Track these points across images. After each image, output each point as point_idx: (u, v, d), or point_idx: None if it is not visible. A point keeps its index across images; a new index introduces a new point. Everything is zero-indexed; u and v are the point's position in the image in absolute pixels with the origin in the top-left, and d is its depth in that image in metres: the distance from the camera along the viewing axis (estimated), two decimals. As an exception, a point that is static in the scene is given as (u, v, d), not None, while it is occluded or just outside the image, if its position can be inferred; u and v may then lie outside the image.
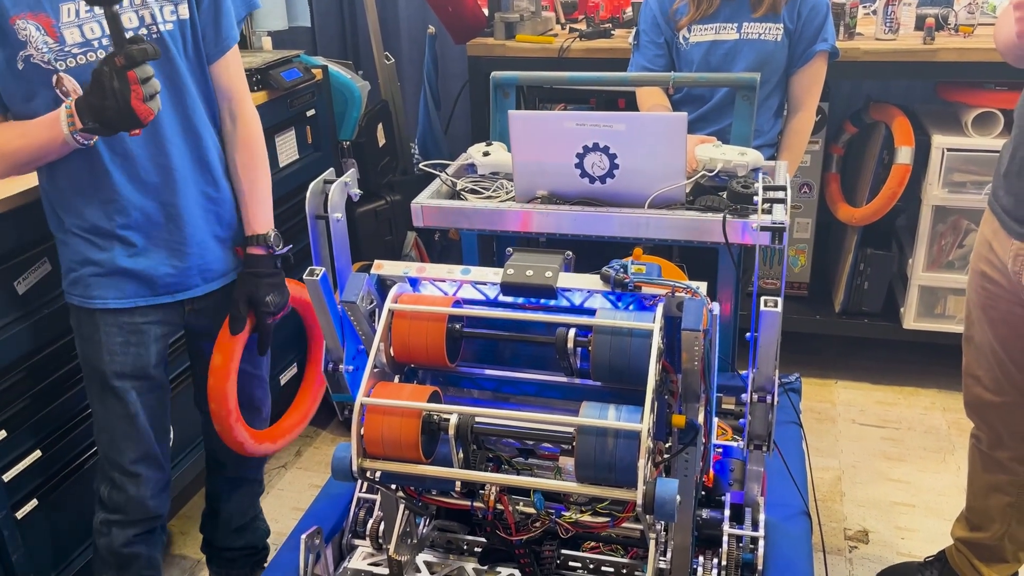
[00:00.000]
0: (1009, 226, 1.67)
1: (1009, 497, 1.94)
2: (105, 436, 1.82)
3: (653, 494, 1.20)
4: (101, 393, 1.79)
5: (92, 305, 1.74)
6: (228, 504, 2.13)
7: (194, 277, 1.81)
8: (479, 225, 1.94)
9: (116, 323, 1.75)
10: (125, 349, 1.76)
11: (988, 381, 1.87)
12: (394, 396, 1.33)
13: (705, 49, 2.35)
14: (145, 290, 1.76)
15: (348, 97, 2.97)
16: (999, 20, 1.73)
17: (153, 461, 1.85)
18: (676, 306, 1.34)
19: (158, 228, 1.74)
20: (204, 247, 1.81)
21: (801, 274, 3.26)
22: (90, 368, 1.79)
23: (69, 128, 1.54)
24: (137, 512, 1.85)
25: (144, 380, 1.80)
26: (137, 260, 1.74)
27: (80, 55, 1.59)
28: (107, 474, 1.84)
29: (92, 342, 1.76)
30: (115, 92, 1.47)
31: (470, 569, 1.64)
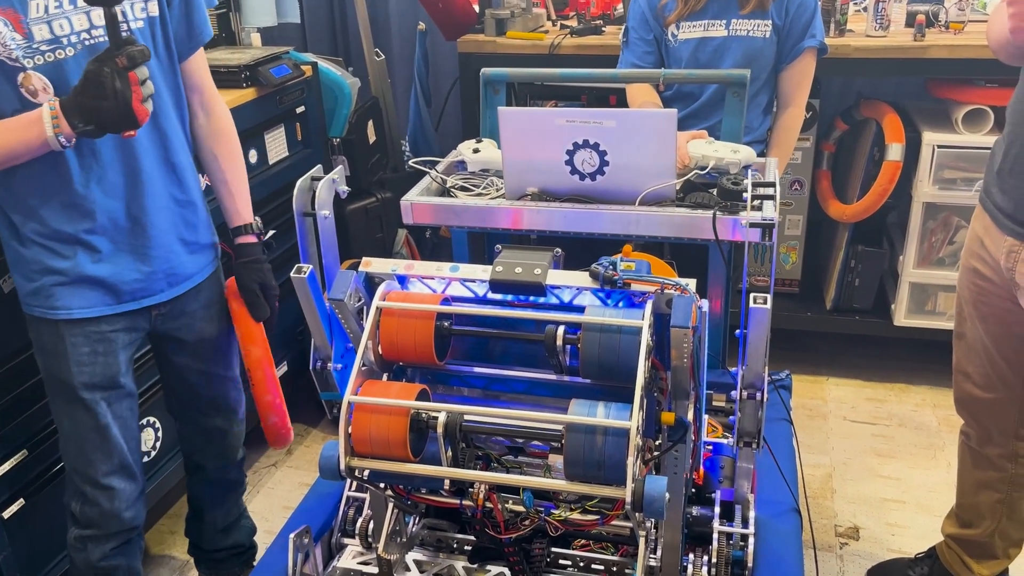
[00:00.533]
0: (1001, 222, 1.67)
1: (999, 494, 1.94)
2: (74, 450, 1.75)
3: (642, 492, 1.20)
4: (69, 406, 1.72)
5: (56, 316, 1.66)
6: (212, 506, 2.11)
7: (159, 282, 1.75)
8: (469, 222, 1.94)
9: (82, 333, 1.68)
10: (93, 359, 1.70)
11: (978, 378, 1.87)
12: (382, 394, 1.32)
13: (694, 46, 2.35)
14: (110, 298, 1.69)
15: (338, 94, 2.96)
16: (991, 17, 1.72)
17: (127, 472, 1.79)
18: (665, 303, 1.34)
19: (123, 232, 1.68)
20: (170, 251, 1.75)
21: (792, 271, 3.26)
22: (55, 381, 1.72)
23: (54, 130, 1.48)
24: (113, 525, 1.80)
25: (114, 390, 1.74)
26: (102, 266, 1.67)
27: (48, 52, 1.52)
28: (78, 489, 1.78)
29: (57, 354, 1.69)
30: (116, 93, 1.43)
31: (460, 568, 1.63)
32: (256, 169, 2.62)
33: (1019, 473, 1.91)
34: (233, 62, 2.52)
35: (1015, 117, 1.63)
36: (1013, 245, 1.64)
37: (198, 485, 2.10)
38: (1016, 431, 1.87)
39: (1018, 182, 1.61)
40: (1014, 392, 1.82)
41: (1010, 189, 1.63)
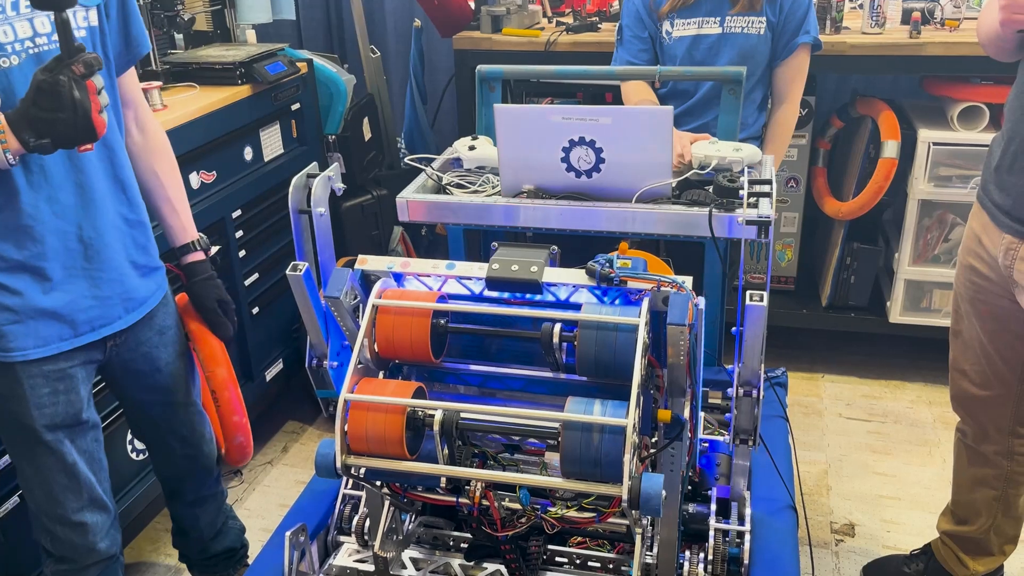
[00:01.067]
0: (1000, 220, 1.67)
1: (994, 491, 1.95)
2: (40, 492, 1.66)
3: (639, 489, 1.20)
4: (31, 450, 1.63)
5: (10, 359, 1.55)
6: (195, 523, 2.06)
7: (115, 308, 1.64)
8: (465, 220, 1.93)
9: (40, 373, 1.57)
10: (54, 399, 1.60)
11: (974, 375, 1.87)
12: (378, 392, 1.32)
13: (688, 43, 2.35)
14: (67, 330, 1.58)
15: (333, 91, 2.95)
16: (982, 13, 1.72)
17: (97, 504, 1.72)
18: (662, 300, 1.34)
19: (75, 256, 1.57)
20: (123, 274, 1.65)
21: (788, 268, 3.26)
22: (14, 425, 1.61)
23: (2, 146, 1.36)
24: (89, 557, 1.73)
25: (77, 426, 1.65)
26: (55, 296, 1.55)
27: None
28: (46, 528, 1.70)
29: (15, 398, 1.57)
30: (75, 103, 1.33)
31: (456, 565, 1.63)
32: (251, 167, 2.61)
33: (1015, 470, 1.91)
34: (228, 59, 2.52)
35: (1013, 115, 1.63)
36: (1012, 242, 1.64)
37: (178, 508, 2.05)
38: (1012, 428, 1.87)
39: (1017, 179, 1.61)
40: (1010, 389, 1.82)
41: (1009, 187, 1.63)
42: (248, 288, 2.63)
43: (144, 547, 2.48)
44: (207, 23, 2.82)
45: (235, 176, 2.55)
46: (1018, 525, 2.00)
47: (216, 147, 2.43)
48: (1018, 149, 1.59)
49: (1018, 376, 1.80)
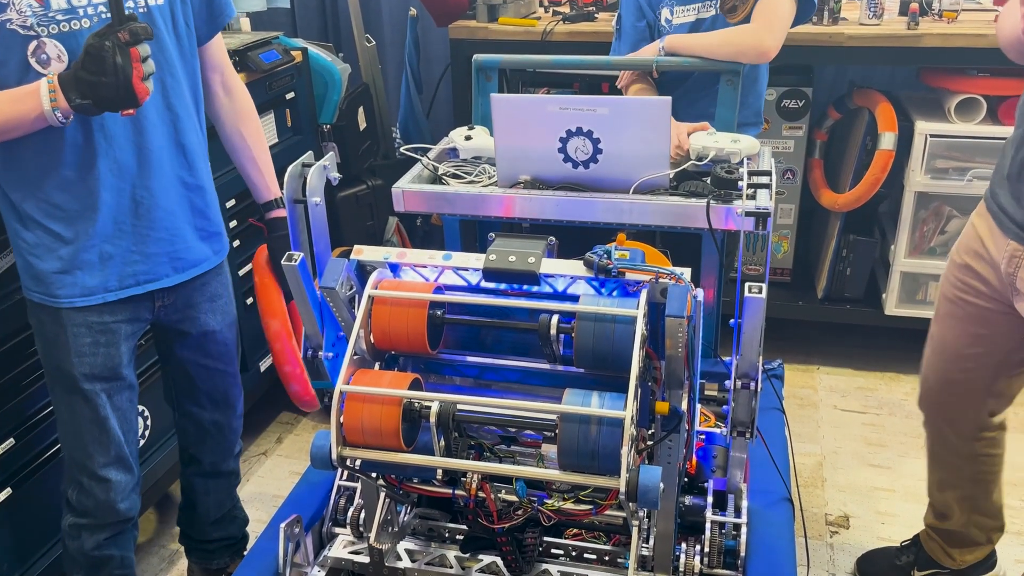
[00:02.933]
0: (1006, 226, 1.64)
1: (959, 491, 1.95)
2: (72, 440, 1.74)
3: (636, 482, 1.19)
4: (68, 396, 1.70)
5: (58, 304, 1.63)
6: (205, 498, 2.09)
7: (163, 265, 1.71)
8: (461, 210, 1.92)
9: (84, 323, 1.65)
10: (95, 350, 1.67)
11: (943, 373, 1.86)
12: (374, 383, 1.31)
13: (688, 29, 2.32)
14: (113, 282, 1.66)
15: (328, 80, 2.93)
16: (1002, 15, 1.68)
17: (123, 464, 1.78)
18: (660, 292, 1.33)
19: (125, 212, 1.64)
20: (175, 234, 1.72)
21: (784, 260, 3.26)
22: (55, 370, 1.70)
23: (51, 104, 1.45)
24: (108, 516, 1.79)
25: (115, 381, 1.72)
26: (102, 248, 1.63)
27: (64, 22, 1.49)
28: (75, 478, 1.77)
29: (58, 344, 1.66)
30: (117, 68, 1.40)
31: (452, 557, 1.62)
32: (245, 155, 2.59)
33: (979, 470, 1.91)
34: (222, 47, 2.49)
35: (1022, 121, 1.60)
36: (1017, 249, 1.62)
37: (193, 477, 2.08)
38: (976, 434, 1.87)
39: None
40: (978, 395, 1.82)
41: (1019, 194, 1.61)
42: (242, 278, 2.61)
43: (143, 528, 2.47)
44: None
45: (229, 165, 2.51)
46: (998, 515, 2.00)
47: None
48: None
49: (986, 383, 1.80)
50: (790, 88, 2.98)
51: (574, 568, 1.59)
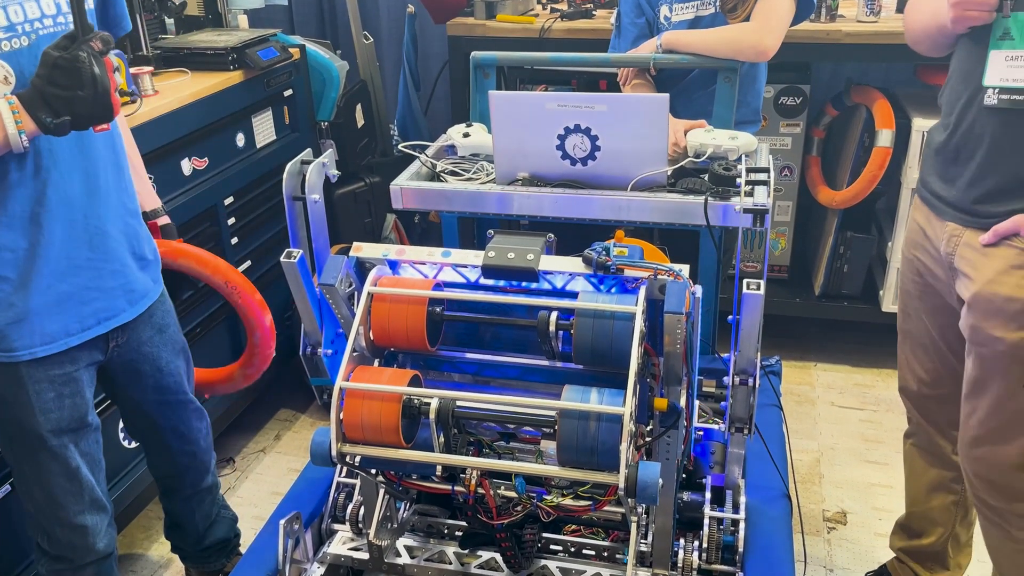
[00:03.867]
0: (941, 209, 1.64)
1: (953, 495, 1.92)
2: (40, 495, 1.64)
3: (635, 477, 1.20)
4: (33, 455, 1.60)
5: (15, 359, 1.50)
6: (191, 518, 2.05)
7: (119, 299, 1.61)
8: (459, 207, 1.92)
9: (46, 377, 1.54)
10: (60, 403, 1.57)
11: (926, 374, 1.85)
12: (374, 380, 1.31)
13: (687, 27, 2.32)
14: (74, 325, 1.55)
15: (326, 77, 2.93)
16: (911, 6, 1.70)
17: (97, 506, 1.71)
18: (659, 289, 1.33)
19: (80, 245, 1.53)
20: (125, 264, 1.62)
21: (781, 257, 3.26)
22: (16, 430, 1.58)
23: (16, 127, 1.31)
24: (87, 557, 1.72)
25: (82, 430, 1.64)
26: (60, 288, 1.52)
27: (4, 41, 1.37)
28: (44, 528, 1.68)
29: (19, 403, 1.54)
30: (95, 80, 1.31)
31: (451, 553, 1.63)
32: (243, 153, 2.59)
33: None
34: (220, 44, 2.49)
35: (950, 106, 1.61)
36: (955, 229, 1.61)
37: (175, 503, 2.04)
38: None
39: (961, 169, 1.59)
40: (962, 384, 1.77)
41: (953, 177, 1.61)
42: (241, 275, 2.62)
43: (136, 536, 2.47)
44: (198, 8, 2.79)
45: (227, 163, 2.53)
46: (971, 529, 1.98)
47: (208, 133, 2.41)
48: (961, 141, 1.58)
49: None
50: (788, 85, 2.98)
51: (573, 564, 1.59)
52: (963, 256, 1.60)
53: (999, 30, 1.47)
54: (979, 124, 1.53)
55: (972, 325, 1.59)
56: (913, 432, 1.99)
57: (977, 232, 1.56)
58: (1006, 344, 1.54)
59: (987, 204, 1.55)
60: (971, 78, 1.53)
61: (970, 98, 1.54)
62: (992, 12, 1.45)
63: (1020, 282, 1.51)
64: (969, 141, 1.56)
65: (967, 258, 1.58)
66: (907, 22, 1.71)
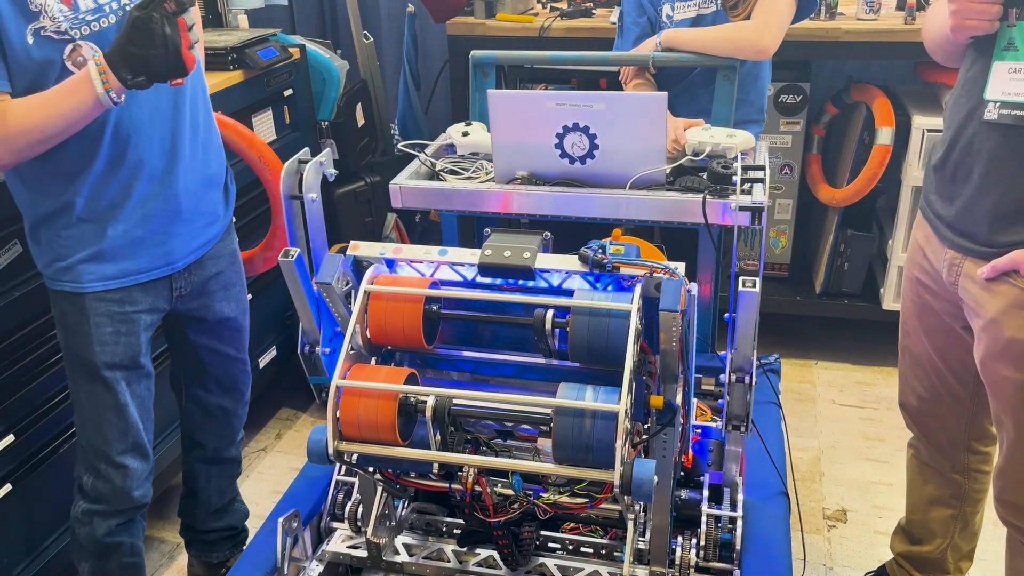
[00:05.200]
0: (942, 233, 1.58)
1: (951, 510, 1.90)
2: (91, 426, 1.75)
3: (630, 475, 1.20)
4: (89, 384, 1.72)
5: (82, 290, 1.66)
6: (207, 484, 2.11)
7: (187, 246, 1.76)
8: (458, 206, 1.93)
9: (106, 312, 1.68)
10: (116, 339, 1.70)
11: (925, 392, 1.82)
12: (370, 378, 1.32)
13: (689, 26, 2.32)
14: (144, 265, 1.70)
15: (326, 77, 2.93)
16: (928, 15, 1.64)
17: (140, 451, 1.80)
18: (654, 287, 1.33)
19: (156, 200, 1.68)
20: (196, 215, 1.76)
21: (782, 255, 3.26)
22: (76, 358, 1.72)
23: (103, 86, 1.43)
24: (122, 503, 1.80)
25: (134, 370, 1.75)
26: (134, 234, 1.67)
27: (94, 21, 1.51)
28: (91, 464, 1.78)
29: (80, 333, 1.69)
30: (166, 39, 1.41)
31: (449, 551, 1.63)
32: (244, 152, 2.60)
33: (972, 487, 1.87)
34: (220, 44, 2.50)
35: (954, 119, 1.54)
36: (954, 258, 1.55)
37: (195, 463, 2.10)
38: (967, 444, 1.82)
39: (959, 188, 1.52)
40: (963, 405, 1.77)
41: (952, 195, 1.54)
42: (241, 274, 2.63)
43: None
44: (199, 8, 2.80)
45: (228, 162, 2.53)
46: (974, 540, 1.97)
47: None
48: (960, 158, 1.51)
49: (970, 391, 1.74)
50: (788, 83, 2.98)
51: (571, 562, 1.60)
52: (965, 288, 1.55)
53: (1003, 40, 1.40)
54: (978, 139, 1.46)
55: (981, 360, 1.57)
56: (914, 445, 1.97)
57: (977, 262, 1.51)
58: (1014, 385, 1.51)
59: (986, 230, 1.48)
60: (974, 90, 1.47)
61: (971, 111, 1.47)
62: (994, 22, 1.39)
63: (1022, 323, 1.46)
64: (968, 157, 1.49)
65: (969, 291, 1.54)
66: (924, 29, 1.66)
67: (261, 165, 2.24)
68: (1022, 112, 1.38)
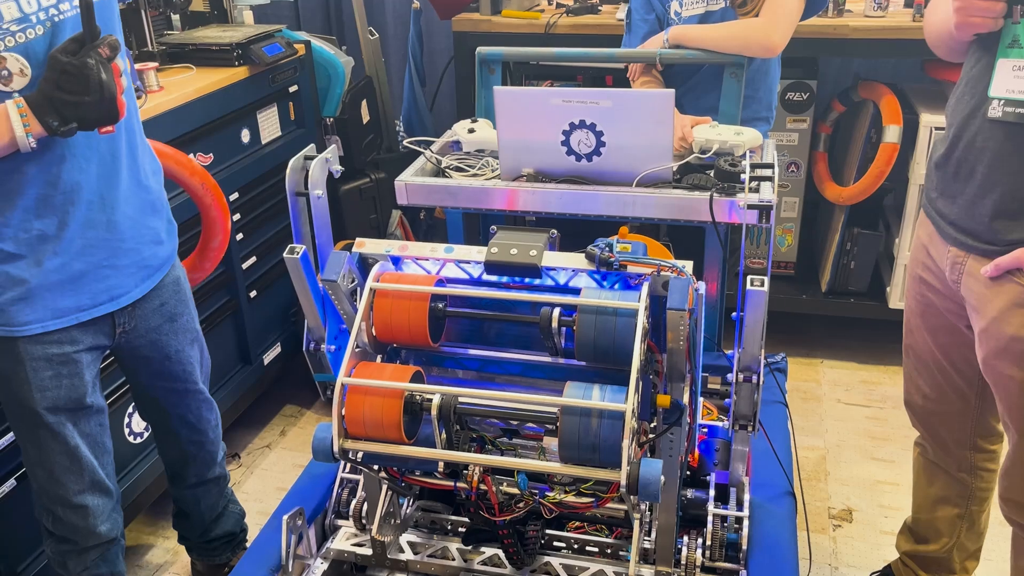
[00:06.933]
0: (944, 231, 1.57)
1: (958, 509, 1.89)
2: (42, 473, 1.66)
3: (637, 475, 1.19)
4: (32, 431, 1.63)
5: (14, 334, 1.53)
6: (196, 507, 2.07)
7: (130, 278, 1.64)
8: (464, 203, 1.92)
9: (44, 356, 1.56)
10: (57, 383, 1.59)
11: (930, 391, 1.81)
12: (376, 376, 1.31)
13: (697, 23, 2.31)
14: (85, 302, 1.57)
15: (332, 73, 2.93)
16: (929, 10, 1.63)
17: (99, 488, 1.72)
18: (662, 285, 1.33)
19: (95, 227, 1.56)
20: (139, 244, 1.64)
21: (788, 253, 3.25)
22: (16, 406, 1.61)
23: (24, 129, 1.34)
24: (89, 540, 1.74)
25: (81, 411, 1.65)
26: (73, 268, 1.54)
27: (19, 32, 1.38)
28: (48, 508, 1.71)
29: (16, 379, 1.57)
30: (102, 86, 1.34)
31: (454, 549, 1.63)
32: (248, 149, 2.59)
33: (978, 486, 1.86)
34: (225, 40, 2.49)
35: (956, 117, 1.53)
36: (957, 255, 1.55)
37: (181, 491, 2.06)
38: (973, 442, 1.82)
39: (962, 186, 1.51)
40: (969, 403, 1.76)
41: (954, 193, 1.54)
42: (246, 272, 2.62)
43: (142, 529, 2.48)
44: (204, 4, 2.80)
45: (232, 159, 2.53)
46: (980, 539, 1.96)
47: (213, 129, 2.41)
48: (963, 155, 1.50)
49: (976, 389, 1.73)
50: (795, 81, 2.97)
51: (576, 560, 1.59)
52: (968, 286, 1.54)
53: (1008, 37, 1.39)
54: (981, 137, 1.45)
55: (983, 359, 1.56)
56: (920, 444, 1.97)
57: (979, 260, 1.50)
58: (1017, 383, 1.50)
59: (988, 228, 1.47)
60: (977, 88, 1.46)
61: (974, 109, 1.47)
62: (998, 19, 1.38)
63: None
64: (970, 155, 1.48)
65: (972, 289, 1.53)
66: (926, 24, 1.64)
67: (203, 192, 2.09)
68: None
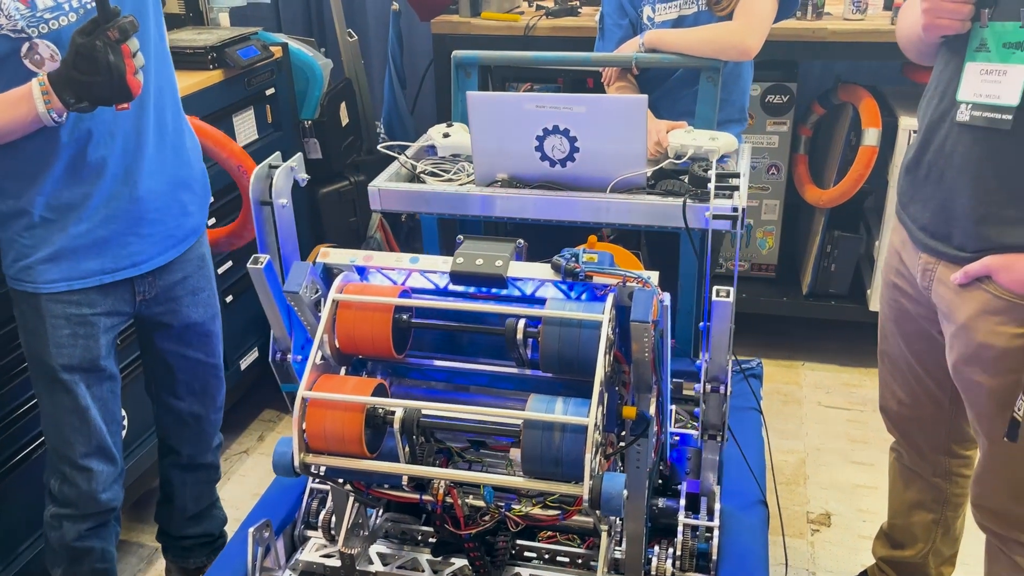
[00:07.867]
0: (916, 237, 1.55)
1: (933, 514, 1.89)
2: (53, 430, 1.75)
3: (600, 489, 1.18)
4: (48, 386, 1.72)
5: (38, 290, 1.65)
6: (183, 490, 2.09)
7: (153, 247, 1.73)
8: (438, 209, 1.91)
9: (63, 315, 1.67)
10: (73, 341, 1.69)
11: (905, 396, 1.80)
12: (338, 389, 1.29)
13: (670, 27, 2.30)
14: (108, 265, 1.68)
15: (309, 75, 2.91)
16: (902, 12, 1.62)
17: (105, 454, 1.79)
18: (627, 296, 1.31)
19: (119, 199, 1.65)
20: (164, 216, 1.73)
21: (768, 256, 3.25)
22: (36, 360, 1.72)
23: (46, 106, 1.45)
24: (89, 506, 1.80)
25: (94, 372, 1.73)
26: (97, 234, 1.65)
27: (52, 20, 1.50)
28: (56, 468, 1.78)
29: (37, 334, 1.68)
30: (111, 67, 1.41)
31: (423, 560, 1.61)
32: (224, 153, 2.57)
33: (953, 492, 1.86)
34: (199, 43, 2.47)
35: (926, 120, 1.52)
36: (928, 262, 1.54)
37: (170, 469, 2.08)
38: (947, 448, 1.81)
39: (933, 190, 1.49)
40: (943, 409, 1.75)
41: (925, 197, 1.52)
42: (222, 276, 2.60)
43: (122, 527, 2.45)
44: (179, 6, 2.77)
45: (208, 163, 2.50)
46: (956, 545, 1.96)
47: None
48: (934, 159, 1.48)
49: (949, 395, 1.71)
50: (775, 83, 2.96)
51: (545, 571, 1.58)
52: (939, 293, 1.53)
53: (975, 41, 1.38)
54: (950, 141, 1.44)
55: (953, 365, 1.55)
56: (896, 449, 1.96)
57: (949, 266, 1.49)
58: (985, 390, 1.49)
59: (958, 234, 1.46)
60: (947, 91, 1.44)
61: (943, 113, 1.45)
62: (965, 22, 1.37)
63: (994, 328, 1.44)
64: (940, 159, 1.47)
65: (943, 296, 1.52)
66: (898, 26, 1.64)
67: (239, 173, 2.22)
68: (994, 114, 1.35)
